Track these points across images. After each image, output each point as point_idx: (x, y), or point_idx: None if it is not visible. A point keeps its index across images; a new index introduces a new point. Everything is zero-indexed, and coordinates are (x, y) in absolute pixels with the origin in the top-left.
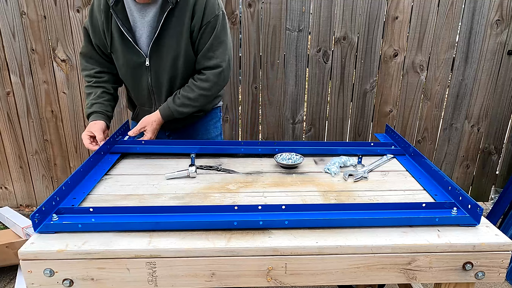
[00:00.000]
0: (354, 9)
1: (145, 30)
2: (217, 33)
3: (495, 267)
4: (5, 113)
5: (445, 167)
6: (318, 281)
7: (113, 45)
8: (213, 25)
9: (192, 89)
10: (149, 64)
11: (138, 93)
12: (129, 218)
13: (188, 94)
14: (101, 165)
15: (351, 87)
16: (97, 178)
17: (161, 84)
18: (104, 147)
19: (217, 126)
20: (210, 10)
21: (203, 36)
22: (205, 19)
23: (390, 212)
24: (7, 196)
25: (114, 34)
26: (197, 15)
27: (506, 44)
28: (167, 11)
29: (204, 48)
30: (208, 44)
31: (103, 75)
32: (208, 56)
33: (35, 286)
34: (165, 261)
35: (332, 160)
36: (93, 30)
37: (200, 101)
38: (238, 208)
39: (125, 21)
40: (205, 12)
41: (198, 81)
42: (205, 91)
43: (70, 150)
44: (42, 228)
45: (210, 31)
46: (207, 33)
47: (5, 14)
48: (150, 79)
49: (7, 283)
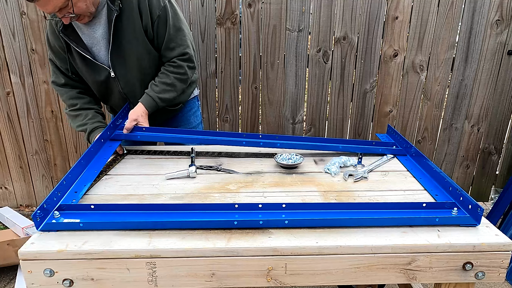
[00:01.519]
0: (354, 9)
1: (101, 44)
2: (170, 23)
3: (495, 267)
4: (5, 113)
5: (445, 167)
6: (318, 281)
7: (76, 66)
8: (164, 17)
9: (167, 75)
10: (114, 75)
11: (115, 102)
12: (129, 216)
13: (165, 80)
14: (102, 154)
15: (351, 87)
16: (98, 168)
17: (133, 89)
18: (105, 133)
19: (197, 115)
20: (155, 5)
21: (159, 30)
22: (154, 14)
23: (390, 212)
24: (7, 196)
25: (74, 56)
26: (144, 13)
27: (506, 44)
28: (113, 19)
29: (164, 41)
30: (167, 37)
31: (85, 96)
32: (170, 47)
33: (35, 286)
34: (165, 261)
35: (332, 160)
36: (57, 57)
37: (178, 85)
38: (238, 206)
39: (79, 42)
40: (151, 8)
41: (170, 67)
42: (180, 75)
43: (70, 150)
44: (44, 227)
45: (163, 23)
46: (161, 26)
47: (5, 14)
48: (121, 88)
49: (7, 283)
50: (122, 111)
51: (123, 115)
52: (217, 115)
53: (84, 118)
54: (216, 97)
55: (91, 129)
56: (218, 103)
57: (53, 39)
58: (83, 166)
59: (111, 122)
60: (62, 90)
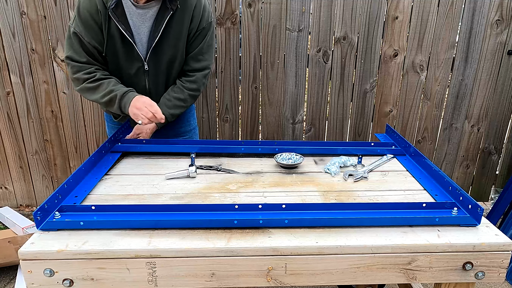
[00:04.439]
0: (354, 9)
1: (144, 35)
2: (208, 38)
3: (495, 267)
4: (5, 113)
5: (445, 167)
6: (318, 281)
7: (110, 48)
8: (207, 31)
9: (182, 90)
10: (148, 68)
11: None
12: (130, 216)
13: (179, 96)
14: (103, 164)
15: (351, 87)
16: (98, 176)
17: (157, 88)
18: (105, 146)
19: (194, 117)
20: (206, 17)
21: (196, 39)
22: (201, 25)
23: (390, 212)
24: (7, 196)
25: (114, 37)
26: (195, 19)
27: (506, 44)
28: (167, 17)
29: (195, 50)
30: (199, 48)
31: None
32: (198, 58)
33: (35, 286)
34: (165, 261)
35: (332, 160)
36: (88, 33)
37: (189, 101)
38: (238, 207)
39: (126, 25)
40: (202, 17)
41: (187, 83)
42: (194, 92)
43: (70, 150)
44: (45, 226)
45: (203, 35)
46: (201, 37)
47: (5, 14)
48: (147, 83)
49: (7, 283)
50: (122, 127)
51: (123, 130)
52: (217, 115)
53: (107, 85)
54: (216, 97)
55: (122, 92)
56: (218, 103)
57: (90, 14)
58: (84, 173)
59: (111, 136)
60: (79, 66)
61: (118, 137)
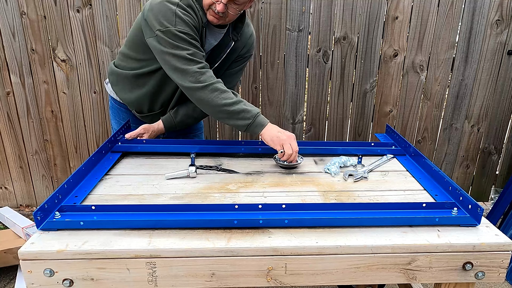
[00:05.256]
0: (354, 9)
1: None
2: (244, 65)
3: (495, 267)
4: (5, 113)
5: (445, 167)
6: (318, 281)
7: None
8: (247, 59)
9: None
10: None
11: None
12: (130, 216)
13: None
14: (103, 164)
15: (351, 87)
16: (98, 176)
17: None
18: (105, 146)
19: None
20: (252, 48)
21: (237, 63)
22: (247, 54)
23: (390, 212)
24: (7, 196)
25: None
26: (245, 49)
27: (506, 44)
28: (230, 46)
29: (229, 71)
30: (234, 71)
31: None
32: (228, 80)
33: (35, 286)
34: (165, 261)
35: (332, 160)
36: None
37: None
38: (238, 207)
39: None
40: (250, 49)
41: None
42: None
43: (70, 150)
44: (45, 225)
45: (242, 62)
46: (241, 62)
47: (5, 14)
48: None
49: (7, 283)
50: (123, 127)
51: (123, 131)
52: None
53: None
54: None
55: (258, 111)
56: None
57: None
58: (84, 173)
59: (111, 136)
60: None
61: (118, 137)
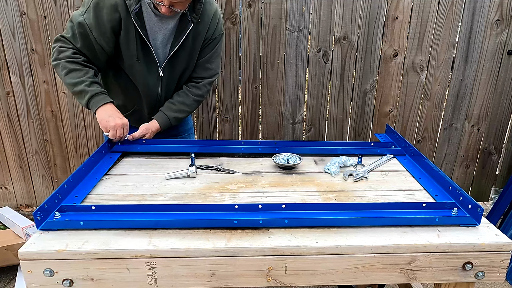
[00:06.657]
0: (354, 9)
1: (159, 42)
2: (218, 48)
3: (495, 267)
4: (5, 113)
5: (445, 167)
6: (318, 281)
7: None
8: (218, 41)
9: (188, 95)
10: (162, 75)
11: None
12: (130, 216)
13: (184, 100)
14: (102, 164)
15: (351, 87)
16: (98, 176)
17: (168, 93)
18: (105, 146)
19: (190, 117)
20: (219, 28)
21: (207, 48)
22: (214, 35)
23: (390, 212)
24: (7, 196)
25: (131, 41)
26: (210, 30)
27: (506, 44)
28: (189, 29)
29: (203, 58)
30: (208, 56)
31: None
32: (205, 66)
33: (35, 286)
34: (165, 261)
35: (332, 160)
36: (97, 29)
37: (194, 106)
38: (238, 207)
39: (145, 31)
40: (216, 28)
41: (192, 88)
42: (199, 97)
43: (70, 150)
44: (45, 225)
45: (214, 45)
46: (211, 46)
47: (5, 14)
48: (160, 89)
49: (7, 283)
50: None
51: None
52: (217, 115)
53: (84, 74)
54: (216, 97)
55: (93, 93)
56: (218, 103)
57: (108, 14)
58: (84, 173)
59: None
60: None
61: None
